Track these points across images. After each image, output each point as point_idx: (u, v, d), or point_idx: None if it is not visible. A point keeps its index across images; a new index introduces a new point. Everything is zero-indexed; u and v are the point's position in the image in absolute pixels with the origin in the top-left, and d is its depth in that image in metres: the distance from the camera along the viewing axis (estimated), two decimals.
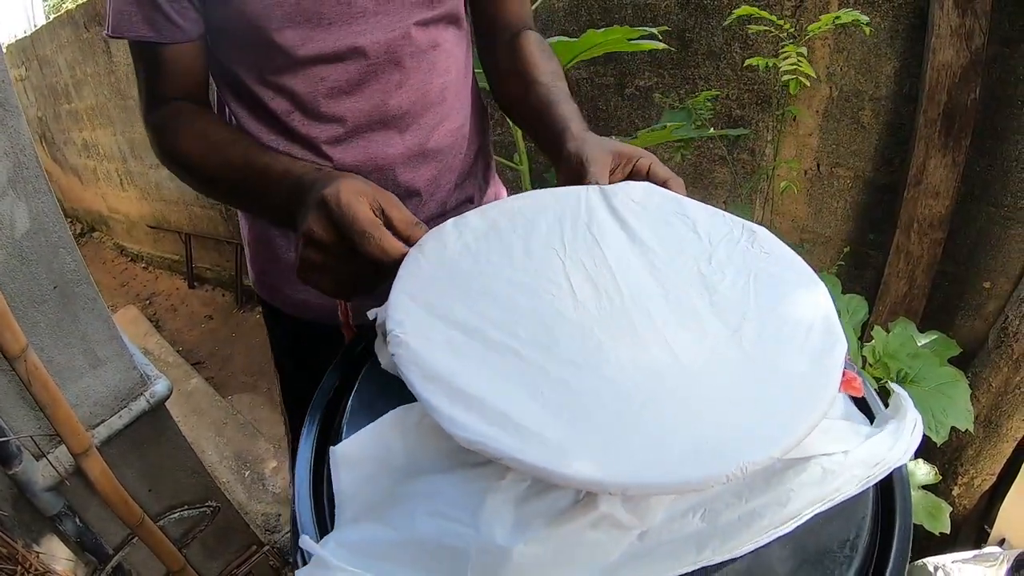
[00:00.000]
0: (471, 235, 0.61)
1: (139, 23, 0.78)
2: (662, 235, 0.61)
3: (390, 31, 0.83)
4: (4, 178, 1.12)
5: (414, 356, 0.48)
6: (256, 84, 0.85)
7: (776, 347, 0.50)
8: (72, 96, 5.27)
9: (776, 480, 0.45)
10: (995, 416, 1.54)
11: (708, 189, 2.11)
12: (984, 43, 1.52)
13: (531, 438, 0.42)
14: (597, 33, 1.31)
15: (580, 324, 0.52)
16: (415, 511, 0.44)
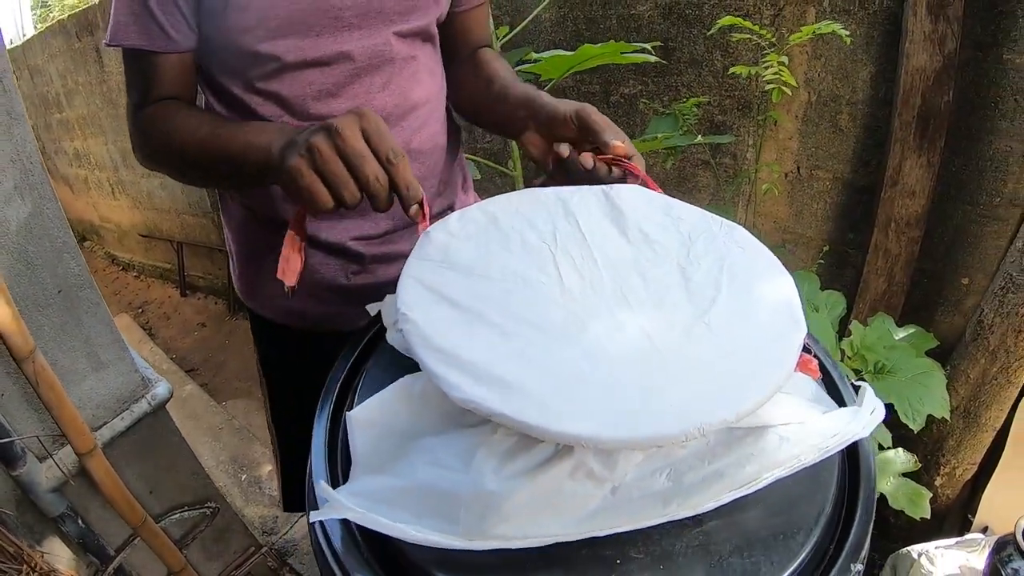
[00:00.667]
0: (473, 227, 0.68)
1: (136, 33, 0.84)
2: (647, 230, 0.68)
3: (371, 39, 0.90)
4: (10, 184, 1.16)
5: (419, 330, 0.54)
6: (245, 92, 0.91)
7: (740, 329, 0.56)
8: (63, 105, 5.28)
9: (736, 446, 0.51)
10: (974, 407, 1.58)
11: (692, 192, 2.16)
12: (957, 47, 1.57)
13: (517, 399, 0.47)
14: (593, 48, 1.37)
15: (566, 307, 0.58)
16: (416, 462, 0.51)
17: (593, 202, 0.71)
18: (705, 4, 1.86)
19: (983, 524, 1.65)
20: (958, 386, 1.59)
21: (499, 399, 0.47)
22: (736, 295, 0.59)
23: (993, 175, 1.65)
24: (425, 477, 0.50)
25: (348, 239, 1.02)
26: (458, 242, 0.66)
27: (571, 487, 0.48)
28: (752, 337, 0.55)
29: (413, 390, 0.57)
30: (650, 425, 0.46)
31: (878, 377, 1.37)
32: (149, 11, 0.82)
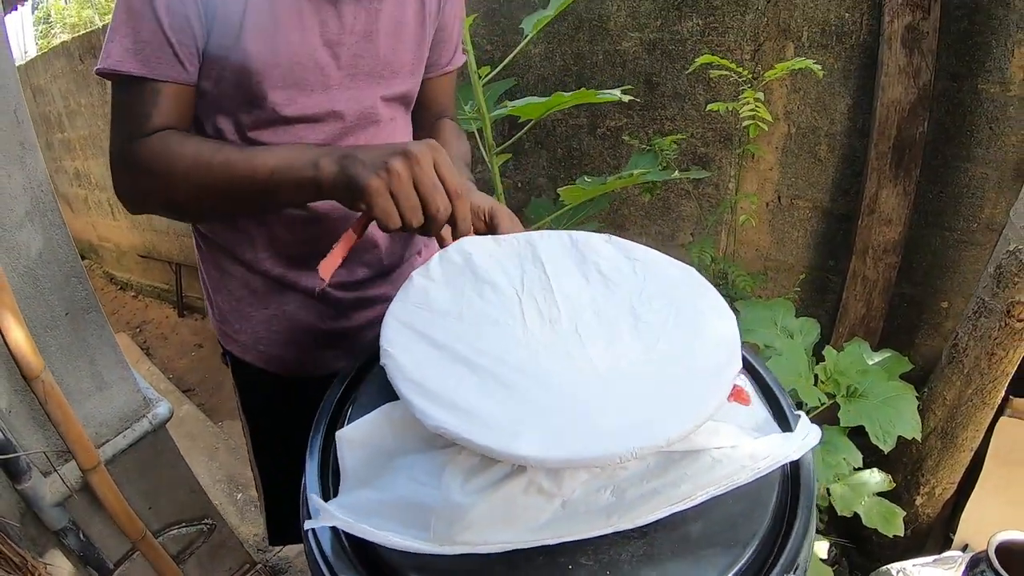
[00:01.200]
0: (452, 270, 0.76)
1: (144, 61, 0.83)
2: (605, 271, 0.76)
3: (359, 103, 0.97)
4: (22, 211, 1.21)
5: (398, 365, 0.62)
6: (238, 139, 0.94)
7: (680, 363, 0.63)
8: (65, 126, 5.33)
9: (673, 467, 0.58)
10: (951, 428, 1.61)
11: (676, 222, 2.22)
12: (931, 79, 1.63)
13: (477, 425, 0.55)
14: (564, 96, 1.44)
15: (527, 345, 0.66)
16: (396, 478, 0.58)
17: (558, 246, 0.80)
18: (688, 40, 1.93)
19: (963, 542, 1.68)
20: (935, 408, 1.62)
21: (462, 425, 0.54)
22: (680, 333, 0.66)
23: (970, 201, 1.72)
24: (403, 491, 0.57)
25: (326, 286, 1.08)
26: (437, 287, 0.74)
27: (524, 501, 0.55)
28: (690, 371, 0.61)
29: (394, 415, 0.64)
30: (590, 449, 0.53)
31: (850, 400, 1.42)
32: (166, 39, 0.82)
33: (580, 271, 0.76)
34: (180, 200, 0.89)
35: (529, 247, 0.79)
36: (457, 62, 1.15)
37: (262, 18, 0.85)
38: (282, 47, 0.87)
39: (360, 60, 0.94)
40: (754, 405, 0.68)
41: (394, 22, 0.96)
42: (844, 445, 1.41)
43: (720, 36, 1.88)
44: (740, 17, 1.83)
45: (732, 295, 1.86)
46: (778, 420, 0.69)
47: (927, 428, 1.62)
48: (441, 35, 1.08)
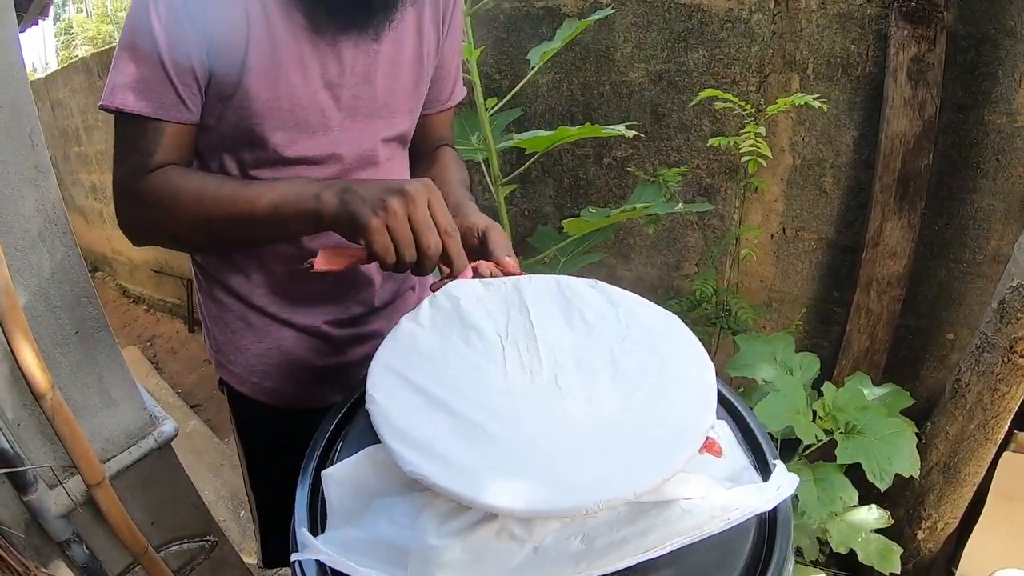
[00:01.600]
0: (440, 315, 0.78)
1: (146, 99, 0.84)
2: (588, 318, 0.77)
3: (359, 145, 0.99)
4: (35, 232, 1.24)
5: (381, 411, 0.64)
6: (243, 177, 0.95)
7: (654, 415, 0.64)
8: (82, 140, 5.41)
9: (642, 516, 0.58)
10: (953, 463, 1.60)
11: (681, 252, 2.23)
12: (936, 111, 1.64)
13: (452, 473, 0.57)
14: (569, 130, 1.47)
15: (507, 393, 0.68)
16: (378, 519, 0.60)
17: (545, 291, 0.81)
18: (694, 72, 1.95)
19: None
20: (938, 442, 1.62)
21: (437, 472, 0.56)
22: (657, 383, 0.67)
23: (976, 233, 1.72)
24: (384, 531, 0.59)
25: (321, 323, 1.09)
26: (425, 331, 0.76)
27: (496, 546, 0.56)
28: (663, 423, 0.62)
29: (378, 457, 0.66)
30: (559, 500, 0.54)
31: (848, 437, 1.41)
32: (168, 78, 0.83)
33: (564, 317, 0.78)
34: (183, 232, 0.91)
35: (516, 292, 0.81)
36: (457, 97, 1.17)
37: (264, 60, 0.86)
38: (283, 89, 0.89)
39: (359, 101, 0.96)
40: (734, 453, 0.69)
41: (391, 63, 0.97)
42: (840, 482, 1.40)
43: (726, 68, 1.90)
44: (746, 49, 1.85)
45: (734, 327, 1.87)
46: (760, 467, 0.70)
47: (930, 462, 1.62)
48: (440, 72, 1.10)
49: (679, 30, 1.93)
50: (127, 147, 0.89)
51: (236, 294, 1.07)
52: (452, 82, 1.14)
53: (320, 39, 0.89)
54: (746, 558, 0.60)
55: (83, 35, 20.02)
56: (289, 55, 0.88)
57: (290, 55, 0.88)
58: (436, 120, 1.16)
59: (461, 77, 1.17)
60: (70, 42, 20.22)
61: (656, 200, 1.66)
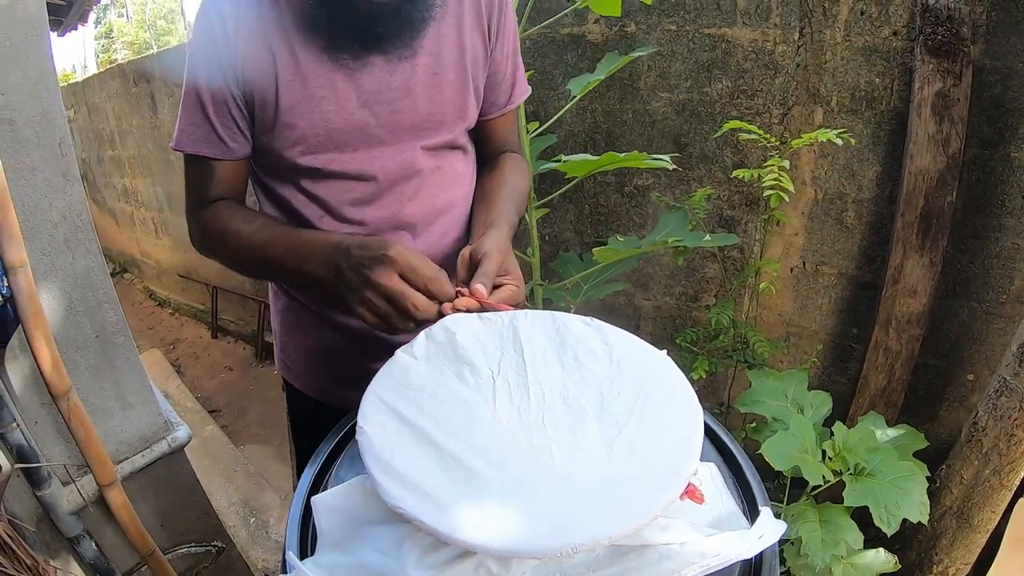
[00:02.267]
0: (435, 348, 0.79)
1: (199, 142, 0.97)
2: (581, 357, 0.78)
3: (400, 155, 1.00)
4: (61, 238, 1.28)
5: (369, 442, 0.66)
6: (291, 193, 1.02)
7: (637, 458, 0.64)
8: (116, 143, 5.53)
9: (620, 560, 0.59)
10: (967, 508, 1.56)
11: (700, 283, 2.22)
12: (961, 148, 1.62)
13: (432, 509, 0.58)
14: (617, 156, 1.46)
15: (493, 430, 0.69)
16: (363, 546, 0.62)
17: (540, 329, 0.82)
18: (717, 102, 1.96)
19: None
20: (952, 486, 1.58)
21: (418, 506, 0.58)
22: (643, 426, 0.67)
23: (999, 272, 1.70)
24: (368, 559, 0.60)
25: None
26: (419, 364, 0.78)
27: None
28: (644, 468, 0.63)
29: (366, 485, 0.68)
30: (534, 541, 0.55)
31: (857, 479, 1.38)
32: (210, 123, 0.95)
33: (557, 355, 0.78)
34: (232, 265, 1.07)
35: (512, 328, 0.82)
36: (518, 98, 1.16)
37: (295, 94, 0.93)
38: (318, 117, 0.94)
39: (400, 115, 0.98)
40: (721, 498, 0.69)
41: (431, 74, 0.99)
42: (846, 525, 1.38)
43: (749, 99, 1.90)
44: (770, 80, 1.86)
45: (751, 360, 1.86)
46: (750, 511, 0.69)
47: (943, 506, 1.59)
48: (495, 77, 1.09)
49: (703, 60, 1.94)
50: (189, 183, 1.03)
51: (292, 295, 1.15)
52: (509, 85, 1.13)
53: (351, 61, 0.93)
54: None
55: (122, 39, 20.54)
56: (320, 86, 0.93)
57: (321, 85, 0.93)
58: (496, 125, 1.16)
59: (522, 78, 1.16)
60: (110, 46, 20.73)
61: (682, 229, 1.65)
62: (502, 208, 1.02)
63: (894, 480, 1.37)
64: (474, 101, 1.06)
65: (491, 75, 1.09)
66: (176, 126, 0.98)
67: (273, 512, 2.62)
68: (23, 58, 1.17)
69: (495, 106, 1.13)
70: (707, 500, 0.67)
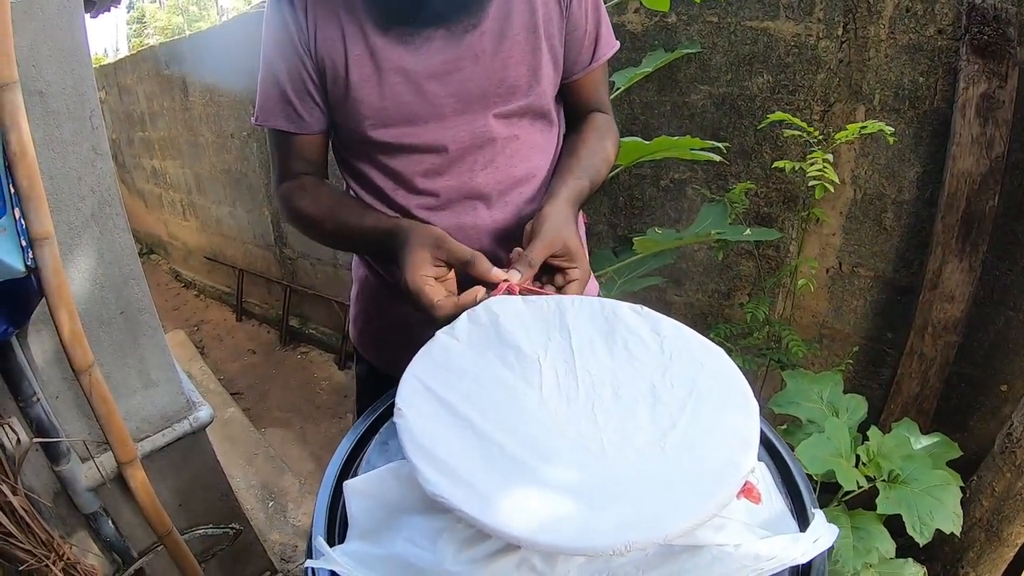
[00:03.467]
0: (477, 332, 0.76)
1: (278, 116, 1.01)
2: (631, 347, 0.74)
3: (472, 124, 0.99)
4: (88, 213, 1.27)
5: (408, 427, 0.62)
6: (365, 166, 1.04)
7: (691, 454, 0.60)
8: (147, 125, 5.55)
9: (671, 560, 0.56)
10: (996, 521, 1.52)
11: (734, 281, 2.18)
12: (1005, 151, 1.57)
13: (475, 498, 0.54)
14: (668, 140, 1.43)
15: (539, 418, 0.65)
16: (396, 537, 0.59)
17: (587, 315, 0.78)
18: (757, 97, 1.91)
19: None
20: (982, 498, 1.54)
21: (461, 496, 0.54)
22: (697, 420, 0.64)
23: None
24: (401, 550, 0.57)
25: None
26: (461, 346, 0.74)
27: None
28: (700, 464, 0.59)
29: (401, 473, 0.65)
30: (582, 537, 0.52)
31: (891, 486, 1.35)
32: (287, 99, 0.99)
33: (606, 344, 0.75)
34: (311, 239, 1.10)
35: (558, 313, 0.78)
36: (603, 55, 1.10)
37: (364, 71, 0.95)
38: (387, 91, 0.95)
39: (469, 84, 0.96)
40: (772, 499, 0.65)
41: (499, 38, 0.96)
42: (878, 533, 1.34)
43: (790, 95, 1.86)
44: (811, 76, 1.81)
45: (784, 360, 1.82)
46: (798, 514, 0.66)
47: (972, 518, 1.54)
48: (575, 35, 1.04)
49: (744, 53, 1.90)
50: (272, 157, 1.08)
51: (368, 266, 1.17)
52: (592, 41, 1.07)
53: (415, 37, 0.94)
54: None
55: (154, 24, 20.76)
56: (386, 59, 0.94)
57: (386, 59, 0.94)
58: (581, 84, 1.11)
59: (608, 32, 1.10)
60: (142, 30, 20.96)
61: (722, 222, 1.61)
62: (571, 175, 0.99)
63: (928, 489, 1.33)
64: (550, 62, 1.02)
65: (570, 32, 1.04)
66: (256, 102, 1.02)
67: (292, 496, 2.62)
68: (55, 30, 1.17)
69: (578, 64, 1.08)
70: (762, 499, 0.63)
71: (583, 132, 1.09)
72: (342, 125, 1.02)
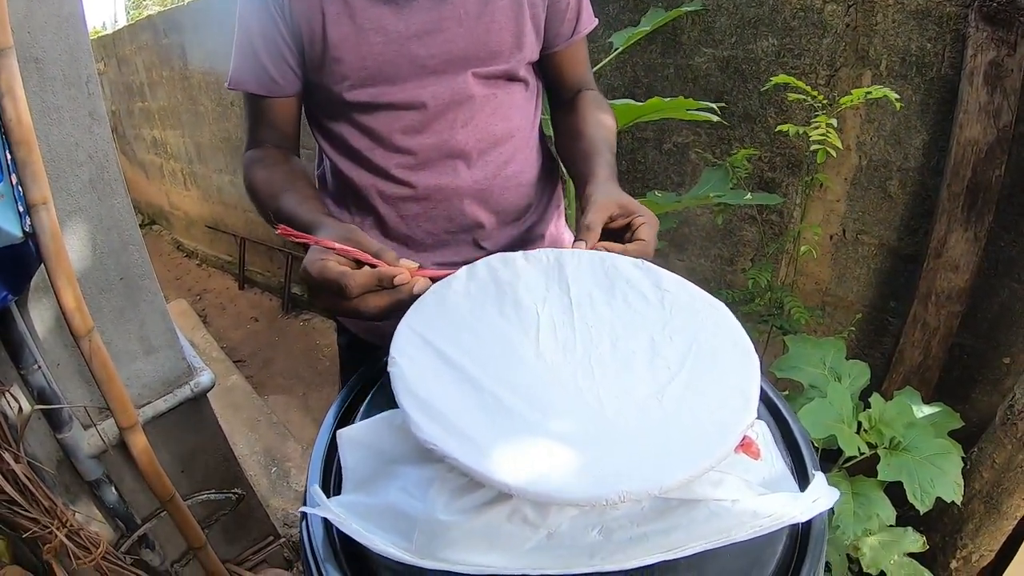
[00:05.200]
0: (475, 284, 0.75)
1: (250, 79, 0.99)
2: (631, 300, 0.73)
3: (452, 83, 0.98)
4: (86, 178, 1.26)
5: (402, 375, 0.62)
6: (341, 126, 1.02)
7: (690, 407, 0.60)
8: (146, 95, 5.53)
9: (667, 514, 0.55)
10: (996, 493, 1.52)
11: (737, 246, 2.17)
12: (1013, 120, 1.55)
13: (467, 447, 0.54)
14: (661, 101, 1.41)
15: (535, 369, 0.65)
16: (389, 486, 0.59)
17: (587, 269, 0.77)
18: (762, 60, 1.89)
19: None
20: (983, 470, 1.53)
21: (453, 444, 0.54)
22: (697, 374, 0.63)
23: None
24: (393, 500, 0.57)
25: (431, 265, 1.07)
26: (458, 297, 0.73)
27: (508, 528, 0.54)
28: (698, 417, 0.58)
29: (395, 422, 0.64)
30: (575, 487, 0.51)
31: (892, 453, 1.34)
32: (260, 62, 0.97)
33: (605, 297, 0.74)
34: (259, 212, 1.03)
35: (557, 267, 0.77)
36: (583, 28, 1.11)
37: (342, 31, 0.93)
38: (366, 51, 0.94)
39: (451, 45, 0.96)
40: (772, 457, 0.65)
41: (483, 3, 0.96)
42: (879, 500, 1.34)
43: (795, 58, 1.83)
44: (817, 40, 1.78)
45: (786, 327, 1.81)
46: (798, 474, 0.66)
47: (972, 490, 1.54)
48: (557, 6, 1.05)
49: (749, 16, 1.87)
50: (244, 119, 1.06)
51: None
52: (574, 14, 1.08)
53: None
54: (774, 571, 0.56)
55: None
56: (366, 19, 0.93)
57: (367, 18, 0.93)
58: (565, 59, 1.12)
59: (588, 7, 1.11)
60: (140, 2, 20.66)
61: (723, 186, 1.60)
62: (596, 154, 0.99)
63: (930, 457, 1.33)
64: (532, 30, 1.02)
65: (552, 3, 1.04)
66: (231, 65, 1.01)
67: (295, 462, 2.64)
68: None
69: (560, 37, 1.08)
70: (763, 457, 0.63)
71: (582, 111, 1.09)
72: (319, 86, 1.00)
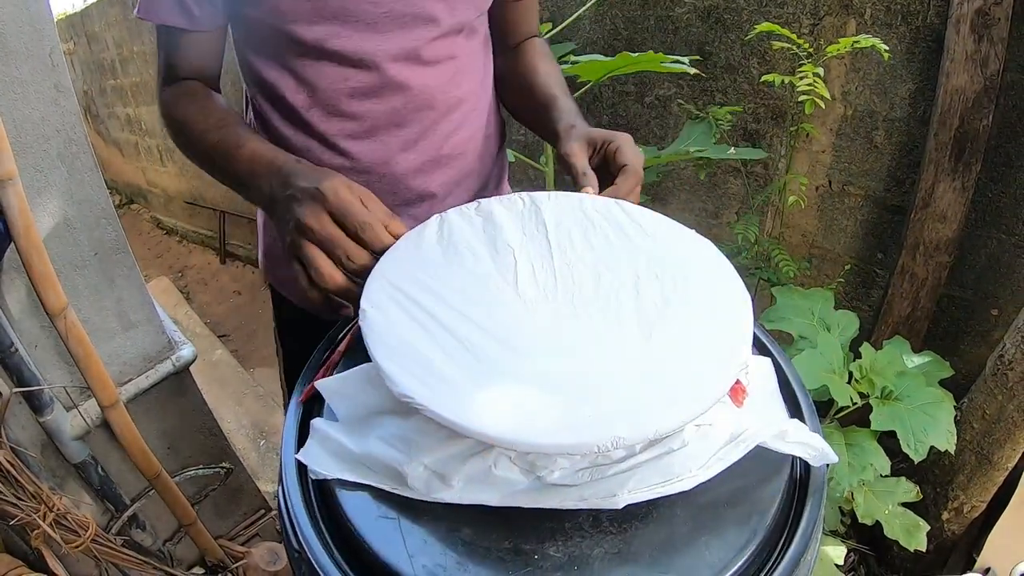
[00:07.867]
0: (448, 229, 0.72)
1: (164, 9, 0.85)
2: (614, 240, 0.70)
3: (406, 43, 0.88)
4: (55, 152, 1.22)
5: (374, 326, 0.59)
6: (279, 75, 0.90)
7: (681, 348, 0.57)
8: (118, 72, 5.40)
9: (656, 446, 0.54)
10: (987, 444, 1.53)
11: (722, 199, 2.15)
12: (1000, 69, 1.53)
13: (445, 397, 0.52)
14: (631, 56, 1.37)
15: (515, 313, 0.62)
16: (370, 435, 0.58)
17: (567, 209, 0.74)
18: (744, 10, 1.85)
19: (986, 565, 1.58)
20: (973, 421, 1.54)
21: (430, 396, 0.52)
22: (685, 315, 0.61)
23: None
24: (374, 450, 0.56)
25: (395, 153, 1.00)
26: (431, 245, 0.70)
27: (496, 474, 0.53)
28: (690, 358, 0.56)
29: (373, 373, 0.61)
30: (563, 433, 0.49)
31: (884, 403, 1.34)
32: None
33: (585, 236, 0.70)
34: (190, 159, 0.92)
35: (534, 209, 0.74)
36: None
37: None
38: None
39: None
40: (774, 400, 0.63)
41: None
42: (873, 450, 1.34)
43: (779, 7, 1.79)
44: None
45: (773, 279, 1.81)
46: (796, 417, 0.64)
47: (962, 441, 1.54)
48: None
49: None
50: (158, 55, 0.93)
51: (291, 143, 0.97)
52: None
53: None
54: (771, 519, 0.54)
55: None
56: None
57: None
58: (516, 9, 1.06)
59: None
60: None
61: (706, 141, 1.57)
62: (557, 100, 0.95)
63: (922, 406, 1.33)
64: None
65: None
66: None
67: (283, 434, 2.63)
68: None
69: None
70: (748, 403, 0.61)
71: (533, 60, 1.04)
72: (251, 16, 0.86)
